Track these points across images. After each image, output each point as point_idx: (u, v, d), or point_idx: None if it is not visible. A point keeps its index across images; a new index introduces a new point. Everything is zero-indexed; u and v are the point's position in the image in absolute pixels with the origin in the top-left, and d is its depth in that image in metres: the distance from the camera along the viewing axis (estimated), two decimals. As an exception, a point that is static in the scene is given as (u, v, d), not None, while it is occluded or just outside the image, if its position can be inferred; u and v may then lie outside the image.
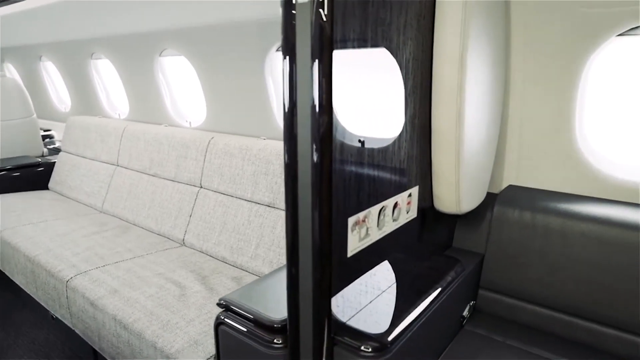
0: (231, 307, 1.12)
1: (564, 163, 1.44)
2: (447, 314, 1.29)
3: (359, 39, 0.92)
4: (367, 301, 1.11)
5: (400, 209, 1.16)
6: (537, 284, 1.38)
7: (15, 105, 3.37)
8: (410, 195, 1.20)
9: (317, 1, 0.80)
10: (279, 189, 1.95)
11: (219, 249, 2.08)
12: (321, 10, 0.80)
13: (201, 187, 2.30)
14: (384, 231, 1.11)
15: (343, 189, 0.93)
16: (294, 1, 0.81)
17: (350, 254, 0.99)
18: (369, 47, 0.96)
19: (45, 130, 4.16)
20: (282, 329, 1.04)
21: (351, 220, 0.97)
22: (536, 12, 1.37)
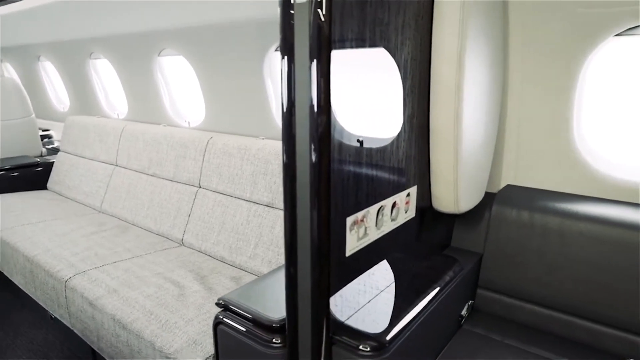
0: (230, 306, 1.12)
1: (562, 163, 1.44)
2: (445, 314, 1.29)
3: (357, 39, 0.92)
4: (366, 301, 1.11)
5: (398, 209, 1.16)
6: (535, 283, 1.38)
7: (13, 105, 3.36)
8: (408, 194, 1.20)
9: (315, 1, 0.80)
10: (277, 188, 1.95)
11: (217, 248, 2.08)
12: (319, 10, 0.80)
13: (200, 187, 2.30)
14: (383, 231, 1.11)
15: (341, 188, 0.94)
16: (292, 1, 0.82)
17: (348, 253, 1.00)
18: (367, 47, 0.96)
19: (44, 130, 4.16)
20: (280, 328, 1.04)
21: (349, 220, 0.98)
22: (534, 12, 1.37)
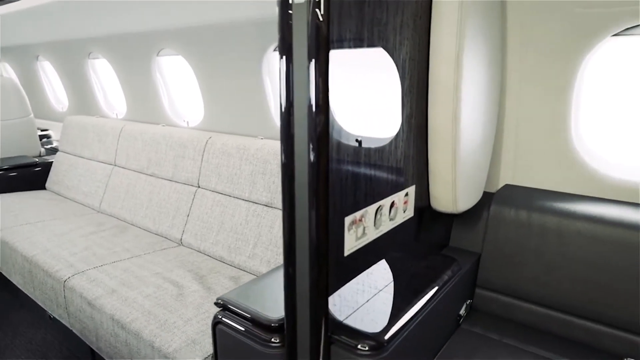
0: (229, 306, 1.13)
1: (560, 162, 1.44)
2: (443, 313, 1.29)
3: (355, 39, 0.92)
4: (364, 300, 1.11)
5: (397, 208, 1.17)
6: (533, 282, 1.38)
7: (12, 105, 3.36)
8: (407, 194, 1.21)
9: (313, 1, 0.80)
10: (276, 188, 1.95)
11: (216, 248, 2.08)
12: (317, 10, 0.80)
13: (199, 187, 2.30)
14: (381, 230, 1.11)
15: (340, 188, 0.94)
16: (290, 1, 0.82)
17: (347, 253, 1.00)
18: (366, 47, 0.97)
19: (43, 130, 4.15)
20: (279, 328, 1.04)
21: (348, 220, 0.98)
22: (532, 12, 1.38)
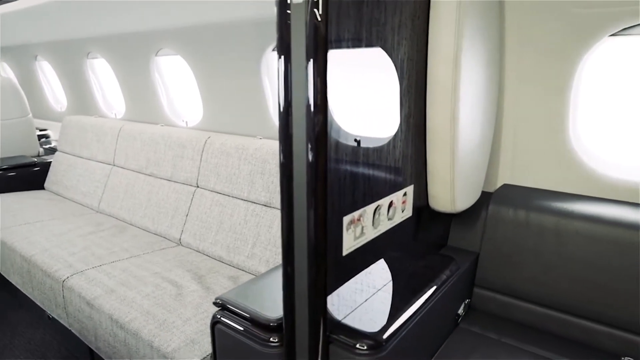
0: (227, 306, 1.13)
1: (558, 162, 1.45)
2: (442, 312, 1.29)
3: (353, 39, 0.92)
4: (363, 299, 1.12)
5: (395, 208, 1.17)
6: (532, 282, 1.39)
7: (10, 105, 3.36)
8: (405, 194, 1.21)
9: (311, 1, 0.80)
10: (275, 188, 1.95)
11: (215, 248, 2.08)
12: (316, 10, 0.81)
13: (198, 187, 2.30)
14: (379, 230, 1.11)
15: (338, 188, 0.94)
16: (288, 1, 0.82)
17: (345, 252, 1.00)
18: (364, 47, 0.97)
19: (41, 130, 4.15)
20: (278, 327, 1.04)
21: (346, 219, 0.98)
22: (530, 12, 1.38)
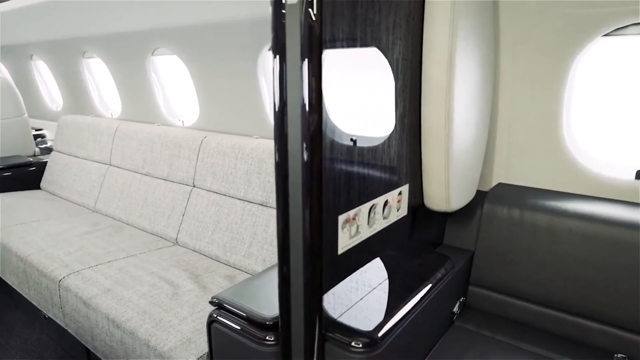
0: (224, 305, 1.13)
1: (552, 161, 1.46)
2: (437, 310, 1.30)
3: (348, 39, 0.93)
4: (358, 298, 1.12)
5: (390, 207, 1.18)
6: (526, 280, 1.40)
7: (6, 105, 3.34)
8: (400, 193, 1.21)
9: (306, 1, 0.81)
10: (271, 187, 1.95)
11: (212, 247, 2.09)
12: (310, 10, 0.81)
13: (194, 186, 2.30)
14: (375, 229, 1.12)
15: (333, 187, 0.95)
16: (283, 1, 0.82)
17: (340, 251, 1.01)
18: (359, 47, 0.97)
19: (37, 130, 4.14)
20: (274, 326, 1.05)
21: (341, 218, 0.99)
22: (524, 12, 1.39)
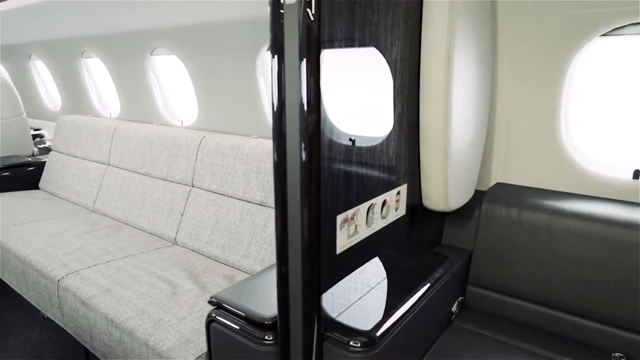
0: (222, 304, 1.13)
1: (550, 161, 1.46)
2: (435, 310, 1.30)
3: (346, 38, 0.93)
4: (357, 298, 1.12)
5: (389, 207, 1.18)
6: (524, 280, 1.40)
7: (4, 105, 3.34)
8: (398, 193, 1.22)
9: (304, 1, 0.81)
10: (270, 187, 1.95)
11: (210, 247, 2.09)
12: (308, 10, 0.81)
13: (193, 186, 2.30)
14: (373, 228, 1.12)
15: (331, 187, 0.95)
16: (282, 1, 0.82)
17: (339, 251, 1.01)
18: (357, 47, 0.97)
19: (36, 130, 4.13)
20: (272, 325, 1.05)
21: (340, 218, 0.99)
22: (522, 12, 1.39)
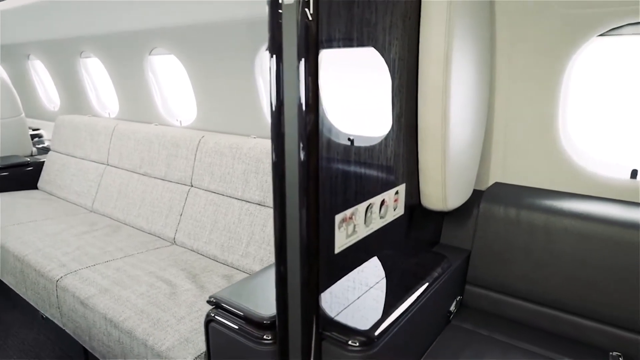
0: (221, 304, 1.13)
1: (548, 160, 1.46)
2: (434, 309, 1.31)
3: (344, 38, 0.93)
4: (355, 297, 1.13)
5: (387, 206, 1.18)
6: (522, 279, 1.40)
7: (3, 104, 3.34)
8: (397, 192, 1.22)
9: (302, 1, 0.81)
10: (269, 187, 1.95)
11: (209, 247, 2.09)
12: (307, 10, 0.81)
13: (192, 186, 2.30)
14: (371, 228, 1.12)
15: (330, 186, 0.95)
16: (280, 1, 0.83)
17: (337, 250, 1.01)
18: (355, 47, 0.98)
19: (34, 130, 4.13)
20: (271, 325, 1.05)
21: (338, 218, 0.99)
22: (520, 12, 1.39)
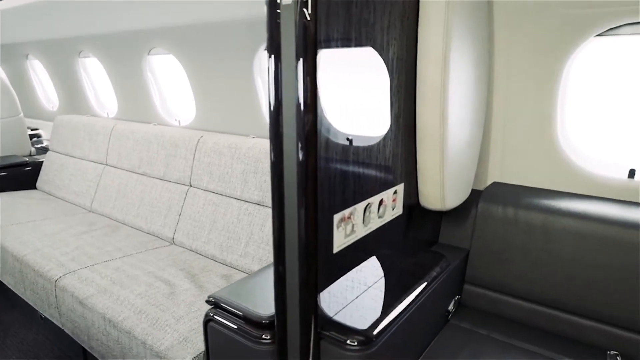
0: (220, 304, 1.14)
1: (546, 160, 1.47)
2: (432, 309, 1.31)
3: (343, 38, 0.93)
4: (354, 297, 1.13)
5: (385, 206, 1.18)
6: (521, 278, 1.41)
7: (1, 104, 3.33)
8: (395, 192, 1.22)
9: (301, 1, 0.81)
10: (268, 187, 1.96)
11: (208, 247, 2.09)
12: (305, 10, 0.82)
13: (190, 186, 2.30)
14: (370, 228, 1.13)
15: (328, 186, 0.95)
16: (278, 1, 0.83)
17: (336, 250, 1.01)
18: (354, 47, 0.98)
19: (33, 130, 4.12)
20: (270, 325, 1.05)
21: (336, 217, 0.99)
22: (519, 12, 1.40)
